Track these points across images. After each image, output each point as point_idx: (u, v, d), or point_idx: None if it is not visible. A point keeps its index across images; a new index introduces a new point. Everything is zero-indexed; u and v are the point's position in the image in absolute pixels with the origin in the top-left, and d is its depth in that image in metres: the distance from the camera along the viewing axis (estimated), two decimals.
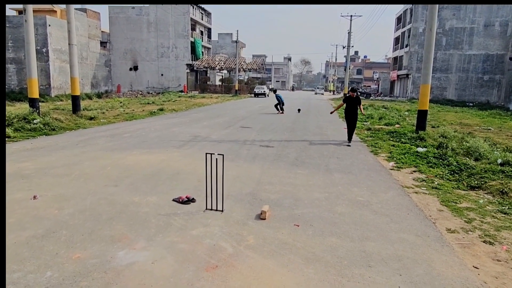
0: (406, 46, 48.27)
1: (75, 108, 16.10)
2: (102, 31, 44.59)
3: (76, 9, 36.34)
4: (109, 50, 47.51)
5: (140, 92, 44.07)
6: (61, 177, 6.44)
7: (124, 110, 20.51)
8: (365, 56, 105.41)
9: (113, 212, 4.84)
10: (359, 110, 11.15)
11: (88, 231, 4.23)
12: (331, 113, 13.46)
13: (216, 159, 4.88)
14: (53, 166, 7.25)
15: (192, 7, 48.89)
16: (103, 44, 45.64)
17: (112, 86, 46.78)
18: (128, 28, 47.65)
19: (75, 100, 16.22)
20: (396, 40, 55.79)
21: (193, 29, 50.31)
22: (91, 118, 15.40)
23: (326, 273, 3.46)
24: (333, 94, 67.73)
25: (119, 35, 47.77)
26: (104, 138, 10.98)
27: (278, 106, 21.67)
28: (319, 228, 4.50)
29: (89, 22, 40.19)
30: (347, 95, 11.37)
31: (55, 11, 35.93)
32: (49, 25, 32.17)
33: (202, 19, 54.61)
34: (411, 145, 10.60)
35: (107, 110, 20.19)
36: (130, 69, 48.59)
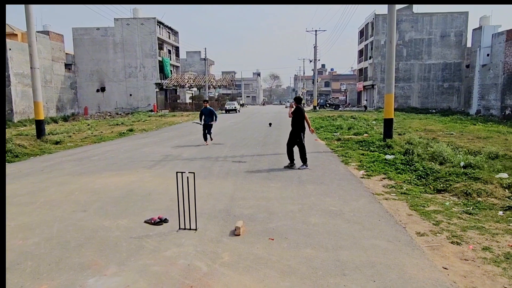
0: (370, 58, 50.08)
1: (40, 133, 15.53)
2: (66, 53, 43.67)
3: (38, 31, 35.45)
4: (75, 72, 46.46)
5: (109, 114, 43.16)
6: (26, 205, 6.16)
7: (92, 133, 19.99)
8: (332, 69, 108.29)
9: (82, 239, 4.66)
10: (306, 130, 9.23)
11: (56, 260, 4.05)
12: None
13: (187, 177, 4.83)
14: (16, 194, 6.93)
15: (159, 26, 48.85)
16: (68, 66, 44.61)
17: (79, 108, 45.62)
18: (94, 49, 46.88)
19: (40, 124, 15.68)
20: (360, 52, 57.81)
21: (160, 48, 50.14)
22: (57, 142, 14.89)
23: (302, 285, 3.47)
24: (303, 106, 68.98)
25: (84, 57, 46.88)
26: (71, 162, 10.63)
27: (207, 133, 14.06)
28: (294, 240, 4.52)
29: (52, 45, 39.29)
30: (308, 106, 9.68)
31: (16, 34, 34.93)
32: (10, 49, 31.19)
33: (170, 38, 54.59)
34: (380, 153, 10.91)
35: (74, 133, 19.61)
36: (97, 91, 47.63)
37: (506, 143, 12.72)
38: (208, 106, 14.31)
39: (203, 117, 13.94)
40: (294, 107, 9.22)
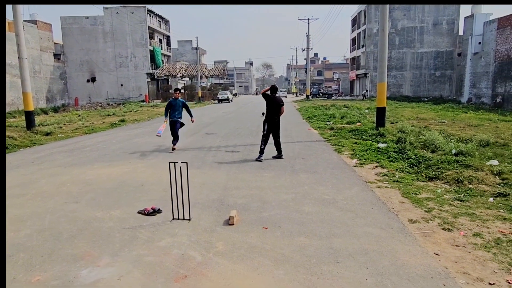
0: (363, 47, 50.01)
1: (30, 124, 15.32)
2: (55, 43, 42.88)
3: (25, 20, 34.73)
4: (64, 62, 45.74)
5: (100, 104, 42.68)
6: (17, 198, 6.09)
7: (83, 123, 19.78)
8: (324, 58, 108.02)
9: (75, 230, 4.63)
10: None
11: (48, 252, 4.02)
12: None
13: (180, 167, 4.81)
14: (7, 186, 6.84)
15: (149, 15, 48.12)
16: (57, 56, 43.87)
17: (69, 99, 45.04)
18: (83, 39, 46.12)
19: (29, 115, 15.44)
20: (353, 41, 57.67)
21: (151, 37, 49.49)
22: (47, 134, 14.71)
23: (296, 273, 3.49)
24: (296, 96, 68.86)
25: (73, 46, 46.12)
26: (62, 153, 10.52)
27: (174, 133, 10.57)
28: (287, 229, 4.54)
29: (40, 34, 38.54)
30: (268, 94, 8.98)
31: None
32: None
33: (160, 27, 53.88)
34: (372, 141, 10.95)
35: (64, 124, 19.38)
36: (88, 81, 47.02)
37: (497, 131, 12.85)
38: (179, 97, 10.59)
39: (169, 112, 10.38)
40: (268, 92, 8.97)
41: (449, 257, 3.78)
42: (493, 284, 3.28)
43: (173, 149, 10.41)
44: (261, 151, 8.96)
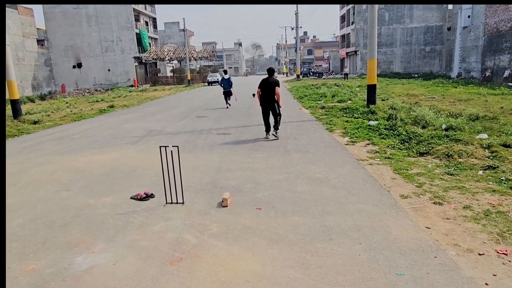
0: (352, 24, 49.50)
1: (16, 113, 15.05)
2: (37, 28, 41.68)
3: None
4: (48, 48, 44.63)
5: (88, 90, 41.99)
6: (7, 187, 6.01)
7: (71, 111, 19.48)
8: (314, 36, 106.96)
9: (68, 218, 4.61)
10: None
11: (42, 240, 4.01)
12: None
13: (171, 151, 4.77)
14: None
15: None
16: (40, 42, 42.77)
17: (56, 86, 44.20)
18: (66, 23, 44.89)
19: (15, 104, 15.15)
20: (342, 18, 57.01)
21: (137, 19, 48.39)
22: (35, 122, 14.49)
23: (290, 251, 3.53)
24: (286, 76, 68.36)
25: (57, 31, 44.92)
26: (52, 141, 10.38)
27: (228, 97, 17.08)
28: (281, 209, 4.57)
29: (21, 20, 37.41)
30: (264, 79, 9.12)
31: None
32: None
33: (146, 9, 52.67)
34: (364, 119, 10.98)
35: (52, 112, 19.07)
36: (74, 67, 46.07)
37: (486, 105, 12.96)
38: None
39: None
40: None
41: (440, 230, 3.85)
42: (483, 254, 3.35)
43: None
44: (266, 130, 9.21)
